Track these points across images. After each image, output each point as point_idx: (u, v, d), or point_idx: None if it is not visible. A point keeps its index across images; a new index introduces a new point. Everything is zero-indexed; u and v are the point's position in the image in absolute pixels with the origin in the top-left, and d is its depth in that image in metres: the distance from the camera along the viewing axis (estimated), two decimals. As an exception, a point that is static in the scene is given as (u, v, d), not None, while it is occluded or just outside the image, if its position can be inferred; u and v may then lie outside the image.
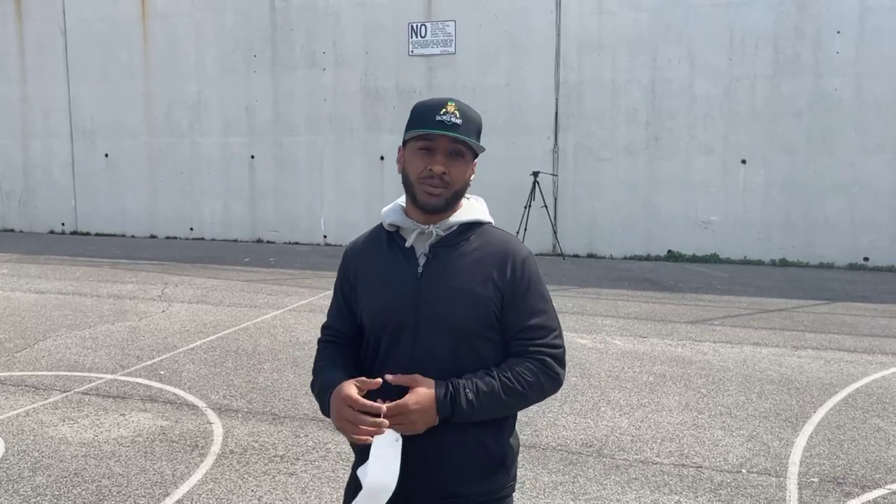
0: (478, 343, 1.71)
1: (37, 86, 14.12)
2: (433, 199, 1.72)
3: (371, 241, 1.86)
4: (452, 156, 1.72)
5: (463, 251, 1.75)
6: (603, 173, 11.40)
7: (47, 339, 6.53)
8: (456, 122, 1.69)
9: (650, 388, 5.27)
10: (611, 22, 11.16)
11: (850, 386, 5.30)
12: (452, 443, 1.69)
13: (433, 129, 1.69)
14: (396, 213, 1.82)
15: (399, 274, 1.75)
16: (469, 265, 1.73)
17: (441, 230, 1.76)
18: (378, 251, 1.82)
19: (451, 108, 1.71)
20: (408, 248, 1.76)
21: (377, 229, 1.88)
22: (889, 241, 10.36)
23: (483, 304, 1.70)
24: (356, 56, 12.34)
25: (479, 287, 1.71)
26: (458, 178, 1.73)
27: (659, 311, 7.72)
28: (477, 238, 1.78)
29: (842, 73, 10.33)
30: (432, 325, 1.70)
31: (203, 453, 4.13)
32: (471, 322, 1.70)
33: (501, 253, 1.76)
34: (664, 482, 3.80)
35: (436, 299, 1.71)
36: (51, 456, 4.08)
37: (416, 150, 1.73)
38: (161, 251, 12.00)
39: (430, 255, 1.75)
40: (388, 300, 1.74)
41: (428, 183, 1.71)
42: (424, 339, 1.70)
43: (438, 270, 1.73)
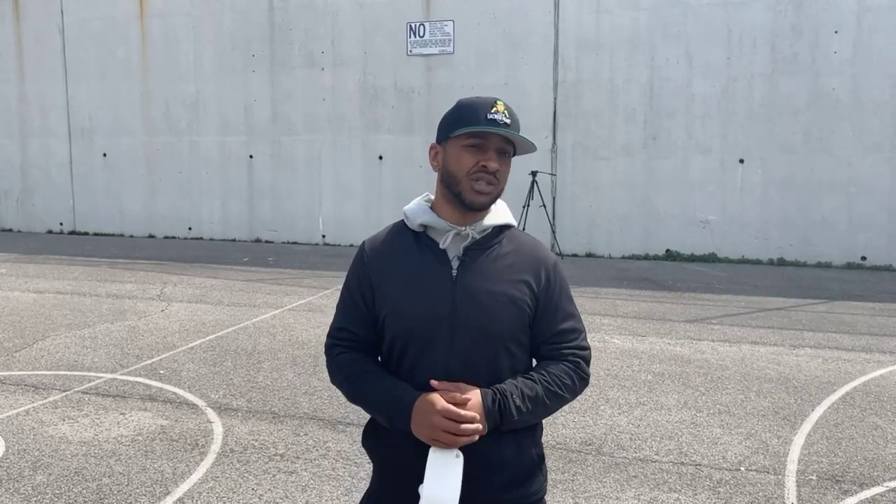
0: (512, 347, 1.69)
1: (35, 85, 14.11)
2: (482, 198, 1.67)
3: (394, 240, 1.77)
4: (502, 155, 1.70)
5: (496, 254, 1.71)
6: (601, 173, 11.42)
7: (46, 339, 6.53)
8: (507, 122, 1.67)
9: (649, 386, 5.29)
10: (609, 21, 11.17)
11: (848, 384, 5.32)
12: (492, 451, 1.65)
13: (487, 128, 1.65)
14: (426, 212, 1.74)
15: (432, 277, 1.68)
16: (503, 269, 1.70)
17: (476, 232, 1.71)
18: (405, 252, 1.73)
19: (500, 107, 1.69)
20: (441, 251, 1.70)
21: (398, 228, 1.79)
22: (886, 240, 10.39)
23: (519, 308, 1.68)
24: (355, 56, 12.35)
25: (516, 291, 1.68)
26: (504, 178, 1.72)
27: (657, 310, 7.74)
28: (508, 242, 1.75)
29: (839, 73, 10.36)
30: (470, 331, 1.64)
31: (203, 452, 4.13)
32: (509, 326, 1.67)
33: (535, 257, 1.74)
34: (663, 480, 3.82)
35: (473, 304, 1.65)
36: (51, 455, 4.09)
37: (464, 146, 1.69)
38: (160, 251, 11.99)
39: (464, 258, 1.69)
40: (420, 304, 1.67)
41: (481, 180, 1.67)
42: (461, 346, 1.64)
43: (474, 274, 1.68)
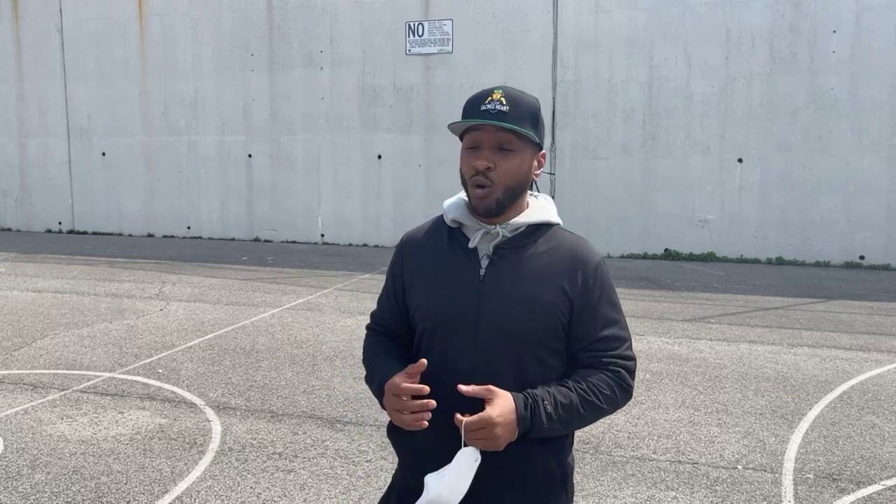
0: (542, 353, 1.59)
1: (33, 84, 14.10)
2: (483, 202, 1.57)
3: (430, 234, 1.71)
4: (500, 149, 1.56)
5: (530, 254, 1.61)
6: (600, 172, 11.43)
7: (45, 338, 6.53)
8: (501, 110, 1.54)
9: (647, 385, 5.30)
10: (608, 21, 11.18)
11: (845, 383, 5.33)
12: (515, 463, 1.57)
13: (475, 119, 1.55)
14: (460, 208, 1.67)
15: (459, 275, 1.61)
16: (536, 270, 1.59)
17: (507, 231, 1.61)
18: (438, 247, 1.67)
19: (496, 95, 1.56)
20: (471, 249, 1.62)
21: (437, 222, 1.73)
22: (884, 239, 10.40)
23: (550, 312, 1.57)
24: (353, 55, 12.35)
25: (547, 294, 1.57)
26: (508, 174, 1.57)
27: (656, 309, 7.75)
28: (546, 241, 1.63)
29: (837, 72, 10.37)
30: (494, 332, 1.57)
31: (202, 451, 4.14)
32: (536, 331, 1.57)
33: (572, 258, 1.61)
34: (661, 478, 3.83)
35: (498, 305, 1.57)
36: (49, 454, 4.09)
37: (465, 148, 1.61)
38: (158, 250, 12.00)
39: (494, 257, 1.60)
40: (445, 302, 1.61)
41: (475, 183, 1.57)
42: (485, 347, 1.57)
43: (502, 274, 1.59)
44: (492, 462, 1.54)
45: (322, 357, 5.93)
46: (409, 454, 1.68)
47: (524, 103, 1.58)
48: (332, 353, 6.01)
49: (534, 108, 1.60)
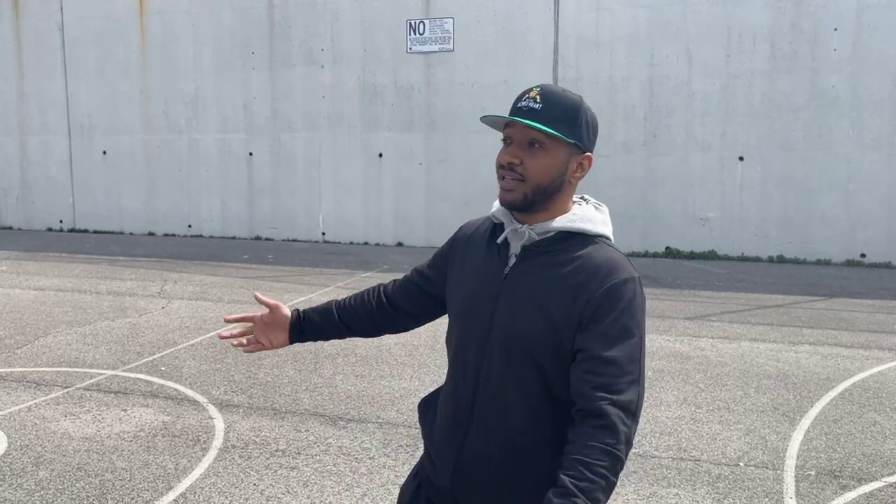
0: (546, 365, 1.52)
1: (34, 83, 14.10)
2: (507, 196, 1.56)
3: (481, 227, 1.74)
4: (529, 146, 1.54)
5: (556, 261, 1.55)
6: (601, 170, 11.41)
7: (47, 336, 6.54)
8: (533, 108, 1.51)
9: (649, 382, 5.30)
10: (609, 19, 11.18)
11: (846, 381, 5.34)
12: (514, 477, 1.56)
13: (497, 116, 1.55)
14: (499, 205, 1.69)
15: (488, 269, 1.63)
16: (555, 277, 1.53)
17: (536, 233, 1.58)
18: (480, 240, 1.70)
19: (533, 92, 1.54)
20: (502, 245, 1.63)
21: (488, 218, 1.75)
22: (885, 237, 10.41)
23: (551, 320, 1.50)
24: (354, 53, 12.35)
25: (556, 303, 1.50)
26: (536, 172, 1.53)
27: (657, 307, 7.76)
28: (576, 250, 1.55)
29: (839, 70, 10.37)
30: (504, 332, 1.56)
31: (205, 448, 4.15)
32: (533, 337, 1.52)
33: (595, 271, 1.51)
34: (662, 475, 3.84)
35: (512, 304, 1.56)
36: (53, 451, 4.10)
37: (502, 141, 1.60)
38: (159, 248, 12.00)
39: (519, 258, 1.60)
40: (471, 294, 1.64)
41: (500, 176, 1.57)
42: (492, 347, 1.57)
43: (522, 275, 1.57)
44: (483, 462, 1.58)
45: (324, 355, 5.94)
46: (428, 436, 1.75)
47: (561, 102, 1.53)
48: (334, 351, 6.03)
49: (572, 108, 1.54)
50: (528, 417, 1.54)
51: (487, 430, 1.58)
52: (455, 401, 1.65)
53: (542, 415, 1.54)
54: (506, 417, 1.56)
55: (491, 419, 1.57)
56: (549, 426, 1.54)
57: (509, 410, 1.55)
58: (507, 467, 1.56)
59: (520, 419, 1.54)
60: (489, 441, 1.58)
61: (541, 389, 1.53)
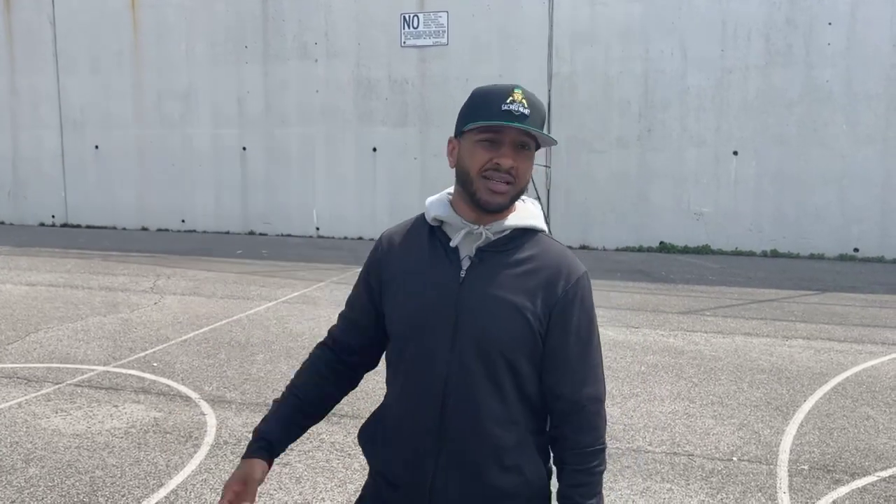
0: (517, 361, 1.53)
1: (25, 77, 14.01)
2: (497, 198, 1.52)
3: (410, 232, 1.66)
4: (520, 148, 1.53)
5: (513, 259, 1.56)
6: (595, 165, 11.42)
7: (39, 332, 6.50)
8: (524, 113, 1.51)
9: (642, 377, 5.30)
10: (603, 13, 11.15)
11: (839, 375, 5.35)
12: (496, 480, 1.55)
13: (501, 121, 1.50)
14: (444, 206, 1.62)
15: (439, 276, 1.57)
16: (517, 275, 1.54)
17: (492, 233, 1.56)
18: (418, 246, 1.62)
19: (517, 95, 1.52)
20: (452, 249, 1.57)
21: (418, 221, 1.67)
22: (879, 231, 10.43)
23: (526, 319, 1.52)
24: (348, 47, 12.29)
25: (525, 301, 1.53)
26: (524, 175, 1.55)
27: (651, 301, 7.76)
28: (531, 247, 1.58)
29: (833, 65, 10.37)
30: (471, 337, 1.52)
31: (197, 444, 4.13)
32: (511, 338, 1.52)
33: (555, 267, 1.56)
34: (656, 470, 3.83)
35: (477, 308, 1.53)
36: (44, 447, 4.07)
37: (478, 141, 1.53)
38: (152, 243, 11.95)
39: (475, 259, 1.56)
40: (424, 303, 1.56)
41: (494, 178, 1.52)
42: (461, 352, 1.53)
43: (483, 277, 1.54)
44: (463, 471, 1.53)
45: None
46: (384, 464, 1.64)
47: (539, 107, 1.56)
48: (328, 347, 6.00)
49: (544, 113, 1.59)
50: (505, 419, 1.54)
51: (464, 440, 1.54)
52: (417, 420, 1.57)
53: (516, 415, 1.56)
54: (481, 422, 1.53)
55: (466, 428, 1.54)
56: (522, 424, 1.57)
57: (484, 416, 1.53)
58: (488, 471, 1.54)
59: (497, 423, 1.54)
60: (467, 450, 1.54)
61: (514, 390, 1.54)
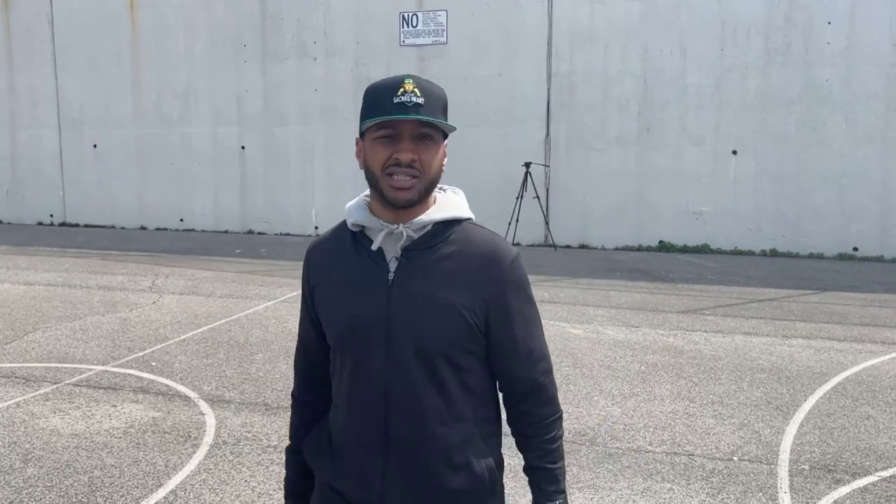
0: (458, 357, 1.51)
1: (24, 75, 13.98)
2: (404, 194, 1.48)
3: (334, 241, 1.62)
4: (420, 140, 1.48)
5: (441, 254, 1.52)
6: (594, 164, 11.41)
7: (37, 331, 6.48)
8: (418, 102, 1.45)
9: (642, 377, 5.29)
10: (603, 12, 11.14)
11: (840, 374, 5.34)
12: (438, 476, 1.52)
13: (392, 115, 1.44)
14: (361, 209, 1.58)
15: (366, 281, 1.53)
16: (447, 271, 1.51)
17: (413, 231, 1.52)
18: (342, 254, 1.58)
19: (409, 86, 1.46)
20: (376, 252, 1.53)
21: (340, 227, 1.62)
22: (878, 230, 10.43)
23: (464, 314, 1.49)
24: (347, 46, 12.28)
25: (459, 296, 1.50)
26: (430, 166, 1.50)
27: (650, 300, 7.75)
28: (456, 239, 1.54)
29: (832, 64, 10.36)
30: (407, 339, 1.49)
31: (196, 444, 4.11)
32: (450, 335, 1.49)
33: (485, 255, 1.53)
34: (656, 470, 3.82)
35: (409, 309, 1.49)
36: (42, 448, 4.06)
37: (376, 139, 1.49)
38: (151, 242, 11.93)
39: (402, 260, 1.52)
40: (354, 311, 1.53)
41: (396, 174, 1.47)
42: (398, 355, 1.50)
43: (411, 277, 1.51)
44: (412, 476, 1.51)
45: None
46: (332, 476, 1.61)
47: (435, 93, 1.50)
48: (327, 346, 5.99)
49: (443, 99, 1.53)
50: (450, 417, 1.53)
51: (411, 444, 1.52)
52: (362, 430, 1.54)
53: (461, 410, 1.54)
54: (427, 424, 1.51)
55: (411, 432, 1.52)
56: (469, 418, 1.55)
57: (429, 417, 1.51)
58: (438, 473, 1.52)
59: (441, 422, 1.52)
60: (415, 455, 1.53)
61: (456, 385, 1.52)
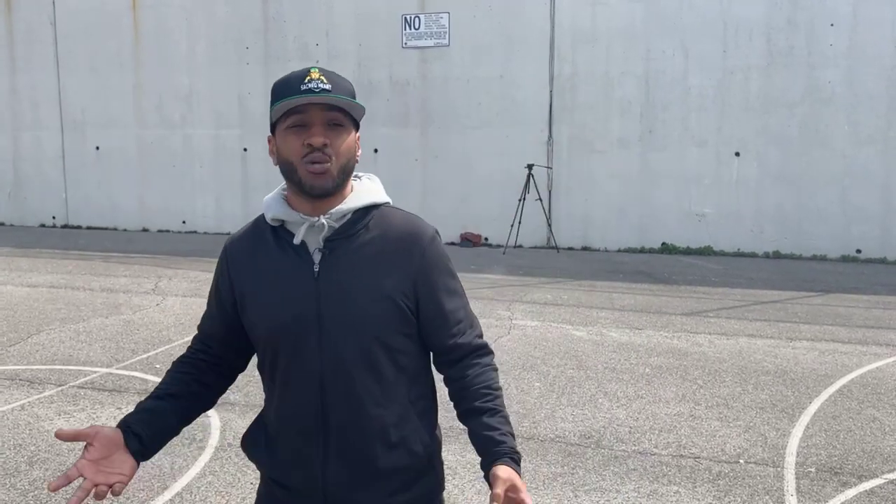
0: (391, 339, 1.54)
1: (26, 77, 13.99)
2: (321, 180, 1.49)
3: (253, 237, 1.61)
4: (331, 126, 1.50)
5: (362, 241, 1.55)
6: (597, 166, 11.41)
7: (40, 333, 6.48)
8: (325, 88, 1.48)
9: (647, 379, 5.29)
10: (605, 14, 11.14)
11: (845, 377, 5.33)
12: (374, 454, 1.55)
13: (300, 96, 1.46)
14: (279, 203, 1.57)
15: (292, 276, 1.53)
16: (371, 256, 1.54)
17: (334, 221, 1.54)
18: (264, 250, 1.58)
19: (315, 74, 1.49)
20: (298, 245, 1.54)
21: (258, 222, 1.62)
22: (881, 232, 10.42)
23: (393, 297, 1.53)
24: (349, 48, 12.28)
25: (386, 280, 1.53)
26: (343, 151, 1.51)
27: (654, 303, 7.74)
28: (376, 224, 1.57)
29: (835, 65, 10.36)
30: (339, 328, 1.51)
31: (201, 446, 4.11)
32: (381, 319, 1.52)
33: (404, 236, 1.57)
34: (662, 473, 3.82)
35: (339, 299, 1.51)
36: (47, 450, 4.06)
37: (287, 129, 1.50)
38: (153, 245, 11.93)
39: (325, 251, 1.53)
40: (283, 307, 1.53)
41: (311, 160, 1.48)
42: (332, 345, 1.52)
43: (338, 267, 1.53)
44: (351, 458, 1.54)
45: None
46: (272, 469, 1.63)
47: (343, 82, 1.54)
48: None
49: (350, 89, 1.56)
50: (385, 398, 1.55)
51: (347, 430, 1.55)
52: (299, 421, 1.56)
53: (395, 390, 1.57)
54: (363, 407, 1.54)
55: (347, 418, 1.54)
56: (403, 396, 1.58)
57: (365, 401, 1.54)
58: (375, 453, 1.55)
59: (377, 404, 1.54)
60: (352, 439, 1.55)
61: (390, 366, 1.55)
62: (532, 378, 5.29)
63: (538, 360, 5.72)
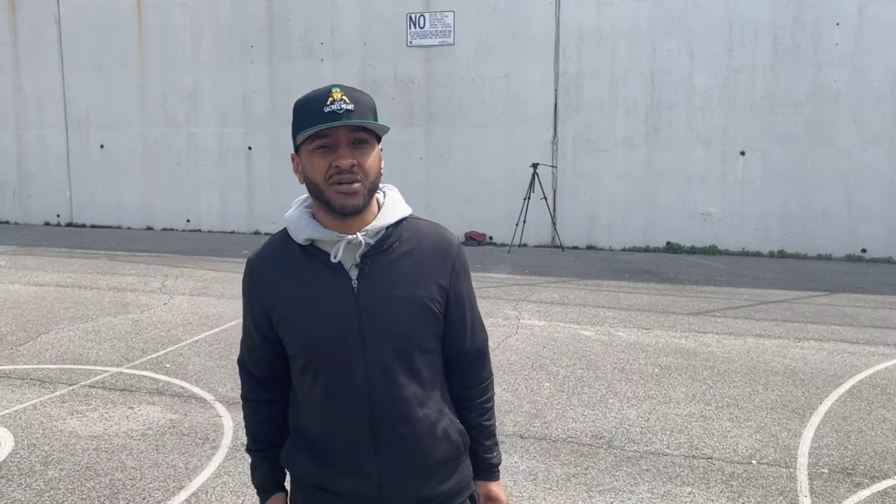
0: (427, 343, 1.62)
1: (31, 76, 13.99)
2: (351, 200, 1.52)
3: (280, 257, 1.62)
4: (357, 145, 1.53)
5: (398, 254, 1.59)
6: (602, 165, 11.41)
7: (50, 332, 6.49)
8: (348, 109, 1.50)
9: (656, 379, 5.30)
10: (610, 13, 11.14)
11: (854, 377, 5.34)
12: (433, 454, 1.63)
13: (326, 123, 1.48)
14: (309, 223, 1.59)
15: (331, 294, 1.56)
16: (408, 269, 1.59)
17: (370, 237, 1.58)
18: (296, 270, 1.59)
19: (337, 95, 1.51)
20: (336, 264, 1.57)
21: (283, 241, 1.63)
22: (886, 231, 10.42)
23: (431, 308, 1.60)
24: (354, 46, 12.28)
25: (425, 291, 1.59)
26: (370, 169, 1.54)
27: (660, 302, 7.75)
28: (408, 236, 1.62)
29: (840, 65, 10.36)
30: (381, 340, 1.56)
31: (215, 446, 4.12)
32: (422, 328, 1.59)
33: (437, 248, 1.64)
34: (676, 473, 3.83)
35: (380, 313, 1.56)
36: (61, 450, 4.07)
37: (314, 150, 1.52)
38: (158, 243, 11.94)
39: (362, 266, 1.57)
40: (325, 325, 1.56)
41: (340, 182, 1.50)
42: (376, 357, 1.56)
43: (376, 281, 1.57)
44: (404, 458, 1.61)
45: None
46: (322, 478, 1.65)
47: (363, 100, 1.55)
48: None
49: (371, 104, 1.58)
50: (425, 397, 1.63)
51: (398, 432, 1.60)
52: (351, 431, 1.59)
53: (431, 388, 1.65)
54: (411, 411, 1.60)
55: (397, 421, 1.59)
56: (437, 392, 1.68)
57: (411, 404, 1.60)
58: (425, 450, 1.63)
59: (420, 405, 1.62)
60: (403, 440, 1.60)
61: (426, 368, 1.64)
62: (542, 378, 5.30)
63: (547, 359, 5.73)
